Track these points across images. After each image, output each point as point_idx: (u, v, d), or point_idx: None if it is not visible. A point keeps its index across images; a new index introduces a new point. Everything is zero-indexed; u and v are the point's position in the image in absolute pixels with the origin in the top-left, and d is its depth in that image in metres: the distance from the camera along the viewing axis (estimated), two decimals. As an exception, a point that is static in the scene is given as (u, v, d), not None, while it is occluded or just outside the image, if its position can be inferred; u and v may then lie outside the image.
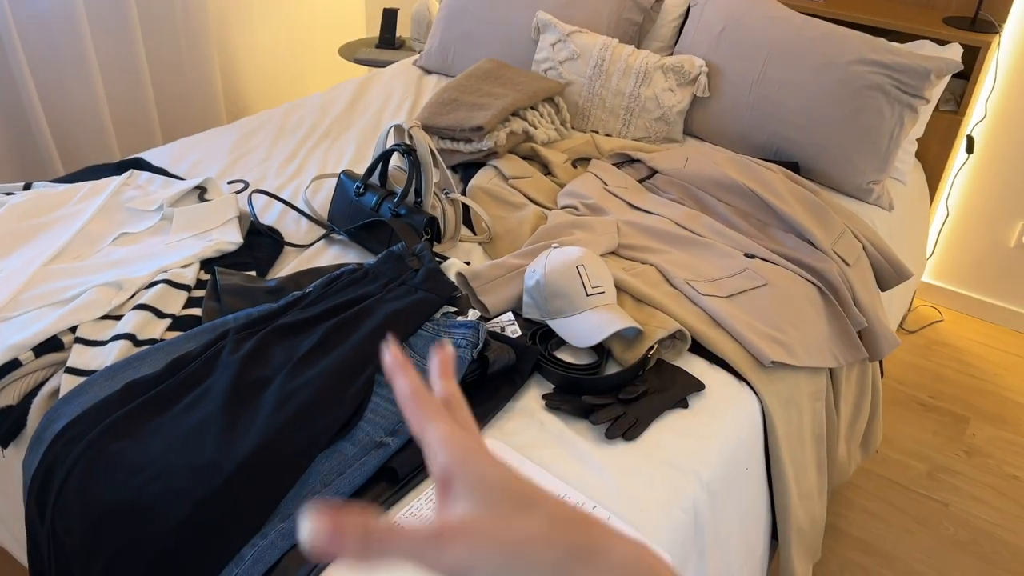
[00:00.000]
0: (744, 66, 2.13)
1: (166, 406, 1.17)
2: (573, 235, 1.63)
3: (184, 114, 2.86)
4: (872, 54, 1.99)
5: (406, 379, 0.39)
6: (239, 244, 1.57)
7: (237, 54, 3.09)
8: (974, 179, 2.57)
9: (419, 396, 0.38)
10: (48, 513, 1.09)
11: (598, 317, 1.37)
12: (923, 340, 2.62)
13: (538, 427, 1.23)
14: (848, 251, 1.72)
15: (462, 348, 1.26)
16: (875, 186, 2.03)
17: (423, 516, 1.05)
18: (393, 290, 1.41)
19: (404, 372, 0.39)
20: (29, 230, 1.56)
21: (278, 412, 1.13)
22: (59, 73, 2.38)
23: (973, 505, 2.02)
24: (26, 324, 1.31)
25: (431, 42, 2.58)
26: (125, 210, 1.67)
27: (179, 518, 1.00)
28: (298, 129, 2.17)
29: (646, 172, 1.98)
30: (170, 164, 1.94)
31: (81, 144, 2.50)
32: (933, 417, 2.30)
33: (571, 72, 2.24)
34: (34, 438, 1.16)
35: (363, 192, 1.67)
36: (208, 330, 1.32)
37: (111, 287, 1.40)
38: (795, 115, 2.05)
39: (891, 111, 1.98)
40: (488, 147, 1.90)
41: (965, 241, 2.66)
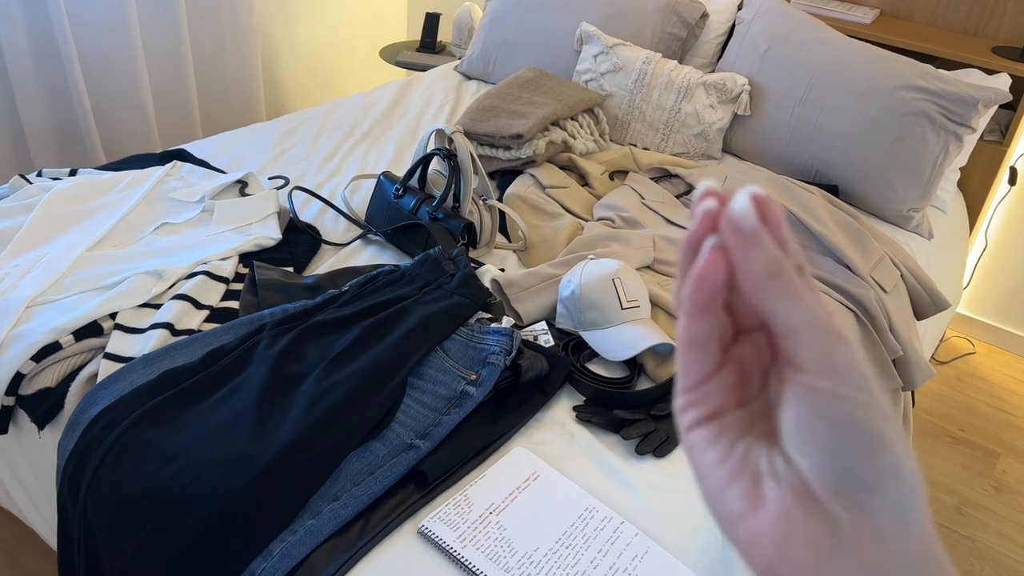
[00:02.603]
0: (787, 87, 2.11)
1: (201, 397, 1.18)
2: (609, 247, 1.63)
3: (224, 108, 2.90)
4: (919, 80, 1.97)
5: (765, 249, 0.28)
6: (278, 240, 1.58)
7: (279, 52, 3.12)
8: (1015, 211, 2.53)
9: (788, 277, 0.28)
10: (80, 497, 1.10)
11: (632, 331, 1.37)
12: (955, 371, 2.58)
13: (568, 438, 1.22)
14: (886, 278, 1.70)
15: (495, 355, 1.26)
16: (915, 213, 2.01)
17: (451, 521, 1.05)
18: (429, 293, 1.41)
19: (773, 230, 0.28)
20: (73, 216, 1.59)
21: (311, 409, 1.13)
22: (106, 62, 2.42)
23: (1000, 542, 1.99)
24: (67, 308, 1.33)
25: (472, 48, 2.59)
26: (167, 200, 1.69)
27: (209, 509, 1.01)
28: (338, 128, 2.19)
29: (684, 188, 1.97)
30: (212, 157, 1.97)
31: (123, 133, 2.54)
32: (962, 450, 2.26)
33: (612, 84, 2.24)
34: (71, 421, 1.17)
35: (402, 194, 1.68)
36: (245, 323, 1.33)
37: (151, 276, 1.42)
38: (837, 139, 2.03)
39: (936, 139, 1.95)
40: (527, 155, 1.91)
41: (1002, 273, 2.62)
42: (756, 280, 0.27)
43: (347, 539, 1.02)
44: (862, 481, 0.26)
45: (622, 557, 1.04)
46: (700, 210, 0.29)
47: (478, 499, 1.09)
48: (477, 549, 1.01)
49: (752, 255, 0.27)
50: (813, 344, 0.27)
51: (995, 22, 2.32)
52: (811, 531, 0.27)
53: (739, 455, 0.29)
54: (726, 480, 0.29)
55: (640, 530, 1.08)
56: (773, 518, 0.27)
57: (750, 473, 0.29)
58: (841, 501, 0.26)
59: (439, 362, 1.28)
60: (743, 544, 0.28)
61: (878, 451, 0.26)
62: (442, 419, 1.18)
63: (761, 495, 0.28)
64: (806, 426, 0.27)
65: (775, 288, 0.27)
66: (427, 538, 1.03)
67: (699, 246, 0.29)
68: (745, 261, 0.27)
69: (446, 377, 1.26)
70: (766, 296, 0.27)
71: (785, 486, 0.28)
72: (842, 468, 0.26)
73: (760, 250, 0.27)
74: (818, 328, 0.27)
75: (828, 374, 0.27)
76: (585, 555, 1.03)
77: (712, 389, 0.31)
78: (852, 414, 0.26)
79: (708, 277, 0.28)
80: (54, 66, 2.33)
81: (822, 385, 0.27)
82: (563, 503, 1.10)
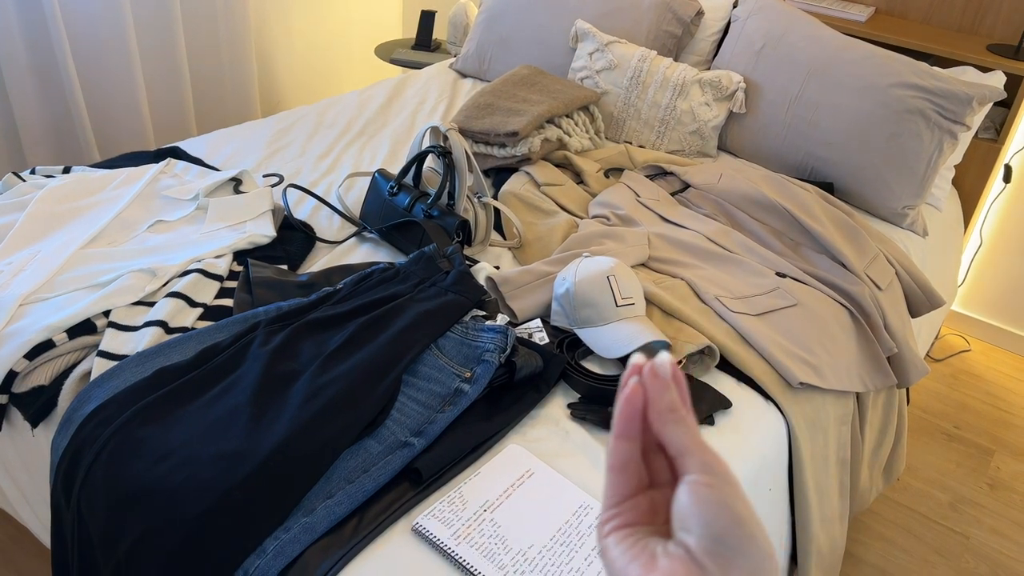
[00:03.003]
0: (783, 84, 2.12)
1: (195, 395, 1.18)
2: (604, 245, 1.63)
3: (219, 106, 2.89)
4: (914, 78, 1.98)
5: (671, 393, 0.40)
6: (272, 237, 1.58)
7: (274, 49, 3.12)
8: (1010, 208, 2.54)
9: (682, 413, 0.40)
10: (74, 495, 1.10)
11: (627, 329, 1.37)
12: (950, 369, 2.58)
13: (563, 436, 1.22)
14: (881, 275, 1.70)
15: (490, 352, 1.26)
16: (910, 211, 2.01)
17: (445, 519, 1.05)
18: (424, 291, 1.41)
19: (676, 385, 0.40)
20: (67, 213, 1.58)
21: (305, 406, 1.13)
22: (100, 59, 2.41)
23: (995, 539, 1.99)
24: (61, 306, 1.33)
25: (468, 46, 2.59)
26: (161, 198, 1.69)
27: (203, 507, 1.01)
28: (333, 126, 2.18)
29: (679, 185, 1.97)
30: (206, 155, 1.96)
31: (118, 130, 2.54)
32: (957, 448, 2.27)
33: (608, 82, 2.24)
34: (64, 419, 1.17)
35: (396, 192, 1.67)
36: (239, 321, 1.33)
37: (145, 273, 1.41)
38: (832, 136, 2.04)
39: (930, 136, 1.96)
40: (522, 153, 1.90)
41: (997, 271, 2.63)
42: (661, 411, 0.39)
43: (341, 536, 1.02)
44: (729, 544, 0.36)
45: (616, 554, 1.04)
46: (631, 361, 0.41)
47: (472, 496, 1.09)
48: (471, 546, 1.01)
49: (662, 394, 0.40)
50: (695, 456, 0.38)
51: (990, 20, 2.32)
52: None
53: (641, 545, 0.39)
54: (629, 560, 0.38)
55: (634, 527, 1.08)
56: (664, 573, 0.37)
57: (648, 554, 0.38)
58: (714, 560, 0.36)
59: (434, 360, 1.28)
60: None
61: (740, 524, 0.36)
62: (437, 416, 1.18)
63: (655, 564, 0.38)
64: (692, 508, 0.37)
65: (673, 418, 0.39)
66: (421, 535, 1.03)
67: (626, 384, 0.41)
68: (656, 397, 0.39)
69: (441, 375, 1.25)
70: (667, 423, 0.39)
71: (674, 557, 0.37)
72: (716, 534, 0.36)
73: (667, 391, 0.39)
74: (699, 446, 0.39)
75: (706, 473, 0.38)
76: (579, 552, 1.03)
77: (629, 507, 0.41)
78: (723, 499, 0.37)
79: (631, 400, 0.40)
80: (48, 63, 2.32)
81: (702, 480, 0.38)
82: (558, 500, 1.10)
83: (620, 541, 0.40)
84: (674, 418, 0.39)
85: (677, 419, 0.39)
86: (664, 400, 0.39)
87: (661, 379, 0.40)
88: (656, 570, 0.37)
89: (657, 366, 0.40)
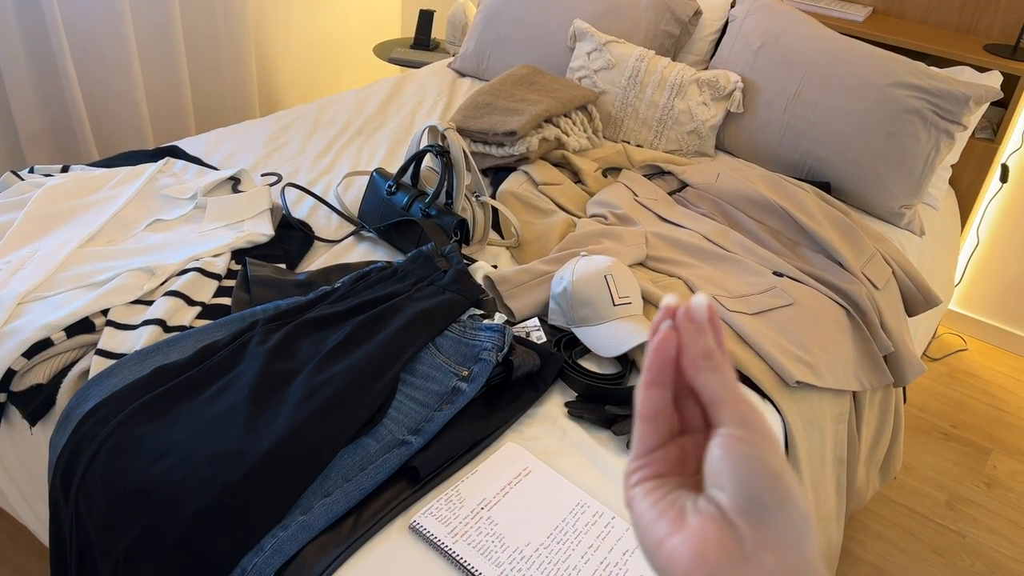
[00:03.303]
0: (780, 84, 2.12)
1: (193, 393, 1.18)
2: (601, 244, 1.63)
3: (218, 104, 2.90)
4: (911, 78, 1.98)
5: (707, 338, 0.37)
6: (270, 236, 1.58)
7: (273, 48, 3.12)
8: (1007, 208, 2.54)
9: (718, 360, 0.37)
10: (72, 493, 1.10)
11: (624, 327, 1.37)
12: (947, 368, 2.59)
13: (560, 434, 1.23)
14: (877, 274, 1.70)
15: (487, 351, 1.26)
16: (907, 210, 2.02)
17: (443, 517, 1.05)
18: (421, 289, 1.41)
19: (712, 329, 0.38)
20: (65, 212, 1.59)
21: (303, 405, 1.13)
22: (99, 57, 2.41)
23: (991, 538, 2.00)
24: (59, 304, 1.33)
25: (466, 45, 2.59)
26: (159, 197, 1.69)
27: (201, 505, 1.01)
28: (332, 125, 2.18)
29: (677, 185, 1.97)
30: (205, 153, 1.96)
31: (117, 129, 2.54)
32: (954, 447, 2.27)
33: (605, 81, 2.24)
34: (62, 418, 1.17)
35: (395, 191, 1.68)
36: (237, 320, 1.33)
37: (143, 272, 1.42)
38: (830, 135, 2.04)
39: (927, 136, 1.96)
40: (520, 152, 1.91)
41: (994, 270, 2.63)
42: (695, 357, 0.37)
43: (338, 535, 1.02)
44: (766, 503, 0.34)
45: (613, 552, 1.04)
46: (663, 304, 0.38)
47: (470, 495, 1.09)
48: (469, 544, 1.02)
49: (696, 339, 0.37)
50: (730, 407, 0.36)
51: (987, 20, 2.33)
52: (723, 543, 0.34)
53: (670, 500, 0.37)
54: (657, 516, 0.36)
55: (631, 526, 1.09)
56: (693, 534, 0.35)
57: (677, 509, 0.36)
58: (749, 520, 0.34)
59: (431, 358, 1.29)
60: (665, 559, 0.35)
61: (776, 481, 0.34)
62: (434, 415, 1.18)
63: (684, 521, 0.35)
64: (725, 463, 0.35)
65: (707, 365, 0.37)
66: (419, 534, 1.04)
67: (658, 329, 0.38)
68: (691, 342, 0.37)
69: (438, 373, 1.26)
70: (700, 370, 0.37)
71: (704, 515, 0.35)
72: (750, 493, 0.34)
73: (702, 336, 0.37)
74: (735, 396, 0.36)
75: (741, 426, 0.36)
76: (576, 550, 1.04)
77: (658, 458, 0.39)
78: (758, 454, 0.35)
79: (663, 346, 0.38)
80: (47, 62, 2.33)
81: (737, 434, 0.35)
82: (554, 498, 1.10)
83: (647, 494, 0.37)
84: (709, 365, 0.37)
85: (712, 367, 0.37)
86: (699, 346, 0.37)
87: (696, 323, 0.37)
88: (685, 528, 0.35)
89: (693, 309, 0.37)
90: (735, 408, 0.36)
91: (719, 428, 0.36)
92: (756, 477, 0.34)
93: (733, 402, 0.36)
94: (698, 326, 0.37)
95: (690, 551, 0.34)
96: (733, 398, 0.36)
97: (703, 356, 0.37)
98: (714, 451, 0.36)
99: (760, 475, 0.34)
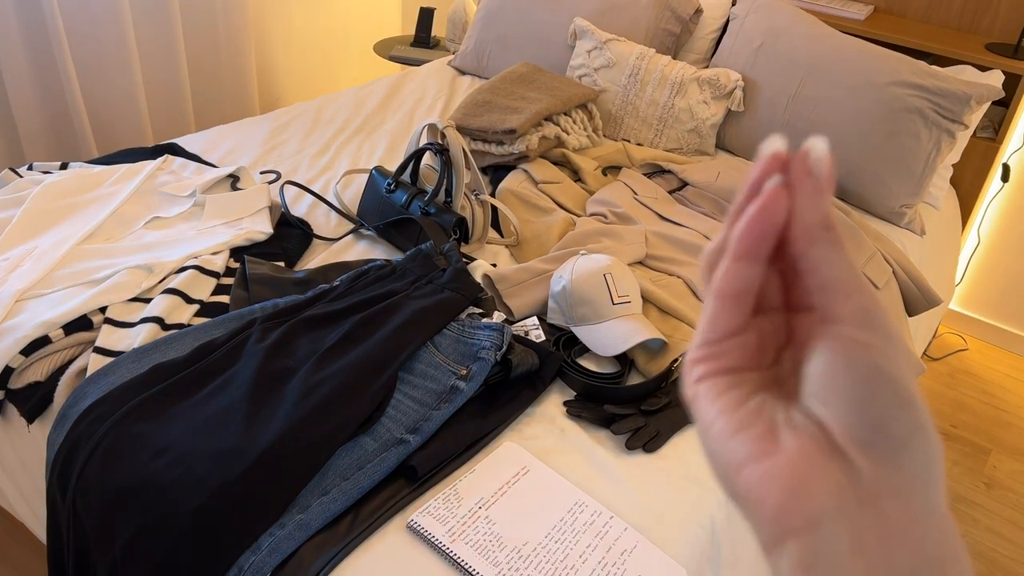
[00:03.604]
0: (781, 82, 2.11)
1: (191, 391, 1.18)
2: (601, 243, 1.63)
3: (218, 102, 2.89)
4: (912, 77, 1.98)
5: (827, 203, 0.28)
6: (269, 234, 1.58)
7: (273, 45, 3.11)
8: (1008, 208, 2.54)
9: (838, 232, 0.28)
10: (70, 491, 1.10)
11: (623, 326, 1.37)
12: (947, 368, 2.58)
13: (559, 433, 1.22)
14: (877, 274, 1.70)
15: (486, 350, 1.26)
16: (907, 210, 2.01)
17: (441, 516, 1.05)
18: (420, 288, 1.41)
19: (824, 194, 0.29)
20: (64, 209, 1.58)
21: (301, 403, 1.13)
22: (98, 54, 2.41)
23: (990, 538, 2.00)
24: (57, 302, 1.33)
25: (466, 43, 2.58)
26: (158, 194, 1.68)
27: (198, 503, 1.01)
28: (331, 123, 2.18)
29: (677, 184, 1.97)
30: (204, 151, 1.96)
31: (116, 126, 2.53)
32: (954, 447, 2.27)
33: (606, 80, 2.24)
34: (60, 415, 1.17)
35: (394, 189, 1.67)
36: (235, 318, 1.33)
37: (142, 270, 1.41)
38: (830, 134, 2.04)
39: (928, 135, 1.96)
40: (519, 151, 1.90)
41: (995, 270, 2.63)
42: (811, 226, 0.28)
43: (336, 534, 1.02)
44: (893, 434, 0.25)
45: (611, 551, 1.04)
46: (767, 152, 0.29)
47: (468, 494, 1.09)
48: (466, 544, 1.01)
49: (815, 201, 0.28)
50: (852, 297, 0.27)
51: (988, 18, 2.32)
52: (832, 477, 0.26)
53: (751, 407, 0.28)
54: (735, 428, 0.28)
55: (629, 525, 1.08)
56: (791, 461, 0.26)
57: (764, 423, 0.28)
58: (868, 454, 0.26)
59: (430, 357, 1.28)
60: (746, 489, 0.27)
61: (908, 406, 0.26)
62: (432, 414, 1.18)
63: (776, 442, 0.27)
64: (839, 376, 0.26)
65: (826, 238, 0.28)
66: (416, 533, 1.03)
67: (760, 186, 0.29)
68: (807, 206, 0.28)
69: (436, 372, 1.26)
70: (816, 243, 0.28)
71: (805, 436, 0.27)
72: (874, 419, 0.26)
73: (823, 198, 0.28)
74: (857, 283, 0.27)
75: (864, 326, 0.27)
76: (574, 549, 1.03)
77: (733, 346, 0.30)
78: (886, 367, 0.26)
79: (769, 211, 0.28)
80: (46, 59, 2.32)
81: (858, 336, 0.26)
82: (553, 498, 1.10)
83: (719, 394, 0.29)
84: (829, 237, 0.28)
85: (832, 239, 0.28)
86: (818, 210, 0.28)
87: (816, 179, 0.28)
88: (777, 452, 0.27)
89: (813, 160, 0.28)
90: (857, 298, 0.27)
91: (832, 324, 0.27)
92: (883, 398, 0.26)
93: (856, 290, 0.27)
94: (818, 184, 0.28)
95: (786, 485, 0.26)
96: (856, 284, 0.27)
97: (822, 225, 0.28)
98: (823, 356, 0.27)
99: (889, 396, 0.26)
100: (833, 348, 0.27)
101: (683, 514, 1.12)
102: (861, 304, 0.27)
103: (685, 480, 1.18)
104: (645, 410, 1.27)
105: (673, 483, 1.17)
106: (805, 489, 0.26)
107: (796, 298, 0.30)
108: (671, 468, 1.19)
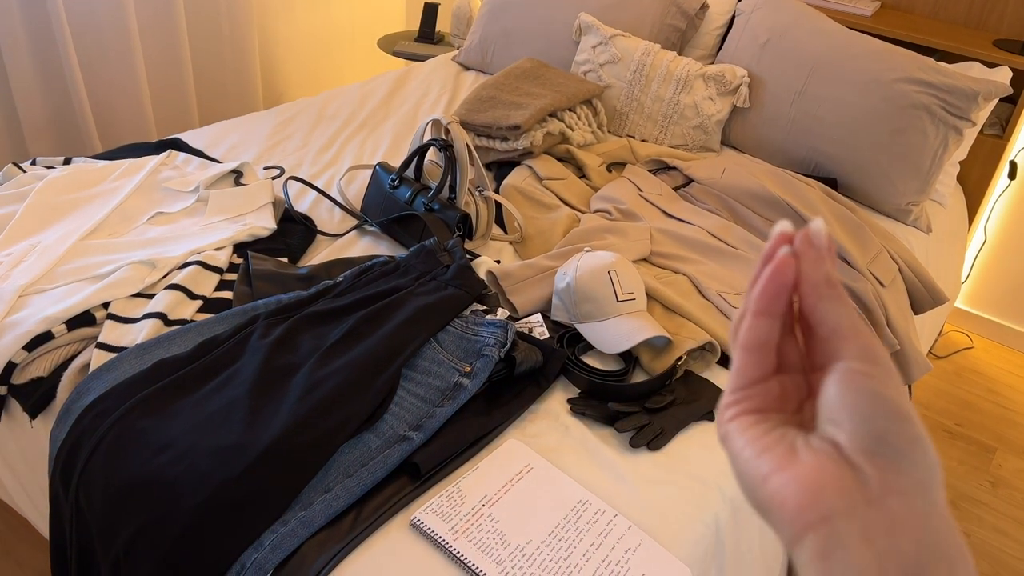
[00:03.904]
0: (787, 79, 2.10)
1: (194, 387, 1.18)
2: (605, 240, 1.62)
3: (222, 97, 2.89)
4: (919, 73, 1.96)
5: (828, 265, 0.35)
6: (272, 230, 1.57)
7: (277, 40, 3.11)
8: (1015, 205, 2.52)
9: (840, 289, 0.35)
10: (72, 486, 1.10)
11: (627, 324, 1.36)
12: (952, 366, 2.57)
13: (562, 431, 1.22)
14: (884, 272, 1.69)
15: (490, 347, 1.26)
16: (914, 207, 2.00)
17: (444, 514, 1.04)
18: (424, 284, 1.40)
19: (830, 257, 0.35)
20: (67, 204, 1.58)
21: (304, 399, 1.13)
22: (102, 50, 2.40)
23: (996, 537, 1.99)
24: (60, 297, 1.32)
25: (471, 38, 2.57)
26: (162, 190, 1.68)
27: (201, 499, 1.01)
28: (335, 118, 2.17)
29: (682, 180, 1.96)
30: (207, 146, 1.96)
31: (119, 121, 2.53)
32: (959, 445, 2.26)
33: (611, 75, 2.23)
34: (63, 411, 1.17)
35: (398, 185, 1.67)
36: (238, 314, 1.32)
37: (145, 265, 1.41)
38: (836, 131, 2.02)
39: (935, 132, 1.94)
40: (524, 147, 1.89)
41: (1001, 268, 2.61)
42: (817, 285, 0.34)
43: (339, 531, 1.01)
44: (892, 443, 0.31)
45: (615, 550, 1.03)
46: (776, 231, 0.36)
47: (471, 491, 1.08)
48: (469, 541, 1.01)
49: (818, 265, 0.35)
50: (855, 339, 0.33)
51: (996, 15, 2.30)
52: (842, 482, 0.31)
53: (776, 435, 0.34)
54: (760, 451, 0.33)
55: (633, 523, 1.08)
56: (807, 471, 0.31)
57: (786, 445, 0.33)
58: (873, 461, 0.31)
59: (433, 354, 1.28)
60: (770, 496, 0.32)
61: (906, 422, 0.31)
62: (436, 411, 1.17)
63: (795, 457, 0.32)
64: (846, 398, 0.32)
65: (831, 294, 0.34)
66: (419, 530, 1.03)
67: (772, 256, 0.36)
68: (812, 269, 0.35)
69: (440, 369, 1.25)
70: (822, 299, 0.34)
71: (820, 452, 0.32)
72: (876, 432, 0.31)
73: (824, 263, 0.35)
74: (859, 327, 0.34)
75: (866, 361, 0.33)
76: (578, 548, 1.03)
77: (759, 392, 0.36)
78: (884, 392, 0.32)
79: (780, 273, 0.35)
80: (50, 54, 2.32)
81: (861, 368, 0.32)
82: (556, 496, 1.10)
83: (746, 429, 0.35)
84: (832, 294, 0.34)
85: (836, 295, 0.34)
86: (821, 272, 0.34)
87: (817, 249, 0.35)
88: (796, 464, 0.32)
89: (813, 234, 0.35)
90: (859, 340, 0.33)
91: (839, 362, 0.33)
92: (883, 415, 0.31)
93: (857, 334, 0.33)
94: (819, 252, 0.35)
95: (803, 488, 0.31)
96: (857, 330, 0.34)
97: (826, 283, 0.34)
98: (833, 386, 0.33)
99: (888, 413, 0.31)
100: (841, 379, 0.33)
101: (688, 512, 1.12)
102: (862, 343, 0.33)
103: (689, 478, 1.17)
104: (649, 408, 1.26)
105: (677, 481, 1.16)
106: (819, 491, 0.31)
107: (814, 359, 0.36)
108: (675, 466, 1.19)
